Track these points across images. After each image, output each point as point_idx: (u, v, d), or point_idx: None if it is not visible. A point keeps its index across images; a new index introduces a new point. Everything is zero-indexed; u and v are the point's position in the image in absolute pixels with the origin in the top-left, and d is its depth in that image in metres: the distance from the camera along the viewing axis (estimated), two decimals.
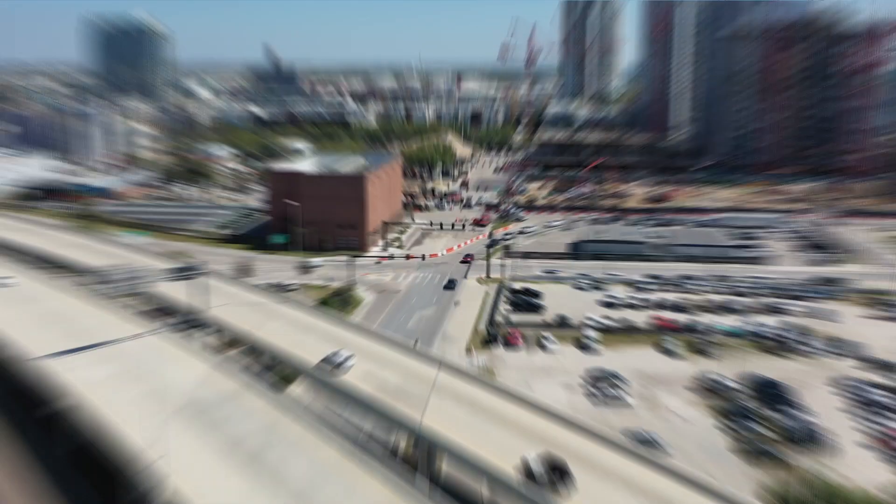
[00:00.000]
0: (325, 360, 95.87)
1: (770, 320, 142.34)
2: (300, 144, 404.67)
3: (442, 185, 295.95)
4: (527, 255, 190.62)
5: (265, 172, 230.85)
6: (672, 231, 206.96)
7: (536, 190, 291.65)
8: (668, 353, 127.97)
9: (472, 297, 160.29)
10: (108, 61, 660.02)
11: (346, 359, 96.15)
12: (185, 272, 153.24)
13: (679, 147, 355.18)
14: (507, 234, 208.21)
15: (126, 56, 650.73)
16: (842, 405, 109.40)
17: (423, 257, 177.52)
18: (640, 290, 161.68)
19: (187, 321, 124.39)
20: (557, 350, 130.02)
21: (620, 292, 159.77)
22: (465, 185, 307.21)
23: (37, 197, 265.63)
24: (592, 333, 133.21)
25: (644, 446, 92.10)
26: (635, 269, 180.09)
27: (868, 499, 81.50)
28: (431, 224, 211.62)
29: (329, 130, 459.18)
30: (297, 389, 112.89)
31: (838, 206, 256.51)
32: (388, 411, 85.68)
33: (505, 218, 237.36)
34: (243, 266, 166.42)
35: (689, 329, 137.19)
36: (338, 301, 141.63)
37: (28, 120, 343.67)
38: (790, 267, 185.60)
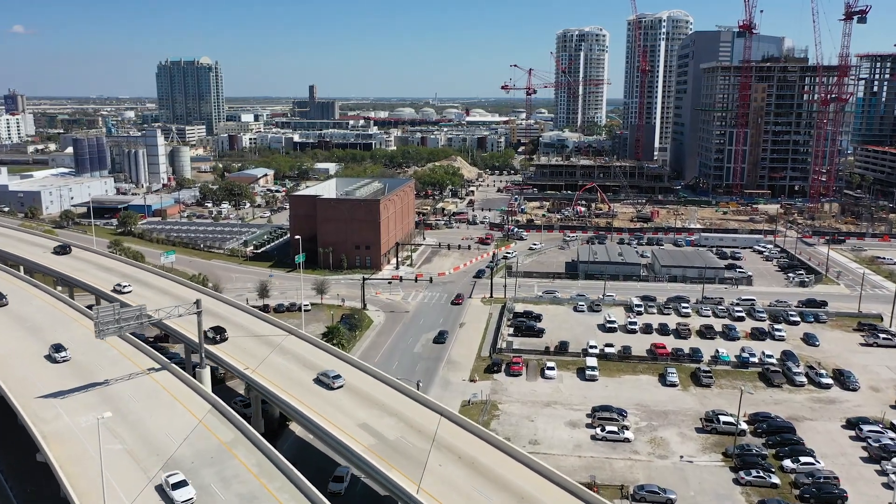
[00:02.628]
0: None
1: (767, 347, 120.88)
2: (329, 165, 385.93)
3: (451, 205, 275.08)
4: (527, 275, 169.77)
5: (289, 196, 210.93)
6: (664, 251, 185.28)
7: (535, 209, 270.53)
8: (669, 383, 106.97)
9: (477, 318, 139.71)
10: (175, 95, 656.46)
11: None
12: (62, 249, 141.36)
13: (661, 170, 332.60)
14: (508, 253, 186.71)
15: (190, 91, 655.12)
16: (855, 450, 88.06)
17: (431, 279, 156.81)
18: (637, 313, 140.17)
19: (189, 355, 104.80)
20: (559, 379, 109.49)
21: (618, 315, 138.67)
22: (471, 203, 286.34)
23: (90, 215, 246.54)
24: (593, 362, 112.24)
25: None
26: (630, 290, 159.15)
27: None
28: (440, 245, 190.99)
29: (354, 153, 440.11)
30: (291, 434, 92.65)
31: (809, 226, 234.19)
32: (381, 474, 65.43)
33: (507, 237, 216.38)
34: (262, 286, 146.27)
35: (689, 357, 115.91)
36: (345, 329, 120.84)
37: (93, 144, 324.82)
38: (774, 287, 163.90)
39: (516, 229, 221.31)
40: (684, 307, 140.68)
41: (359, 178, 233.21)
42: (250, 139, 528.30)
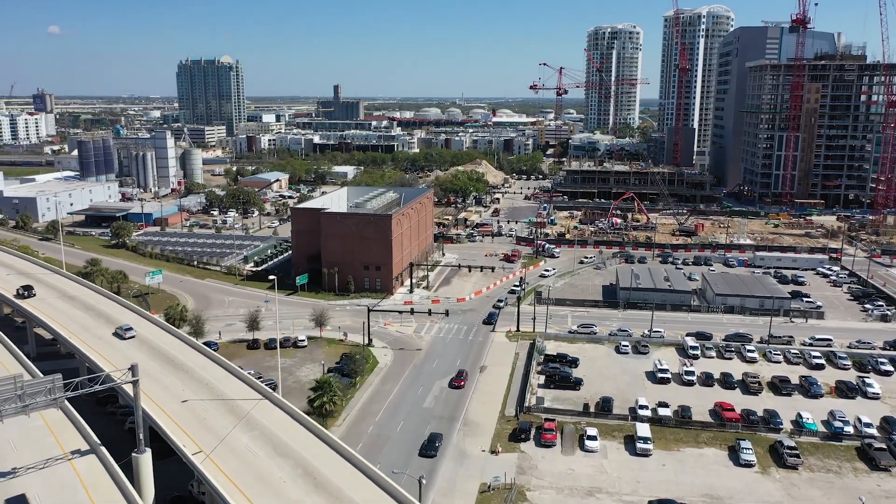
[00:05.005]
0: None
1: (860, 409, 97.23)
2: (347, 169, 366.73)
3: (474, 215, 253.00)
4: (559, 302, 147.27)
5: (291, 209, 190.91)
6: (717, 276, 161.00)
7: (565, 219, 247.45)
8: (743, 462, 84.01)
9: (500, 361, 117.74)
10: (196, 95, 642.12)
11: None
12: None
13: (702, 177, 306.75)
14: (516, 285, 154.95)
15: (210, 91, 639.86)
16: None
17: (447, 312, 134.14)
18: (692, 357, 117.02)
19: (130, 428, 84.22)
20: (602, 452, 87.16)
21: (669, 358, 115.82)
22: (496, 213, 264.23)
23: (87, 224, 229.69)
24: (644, 430, 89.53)
25: None
26: (680, 322, 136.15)
27: None
28: (460, 266, 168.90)
29: (375, 156, 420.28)
30: None
31: (875, 243, 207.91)
32: None
33: (536, 254, 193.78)
34: (252, 317, 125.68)
35: (765, 423, 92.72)
36: (339, 382, 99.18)
37: (99, 146, 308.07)
38: (850, 322, 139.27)
39: (547, 245, 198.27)
40: (749, 350, 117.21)
41: (372, 187, 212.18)
42: (269, 140, 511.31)
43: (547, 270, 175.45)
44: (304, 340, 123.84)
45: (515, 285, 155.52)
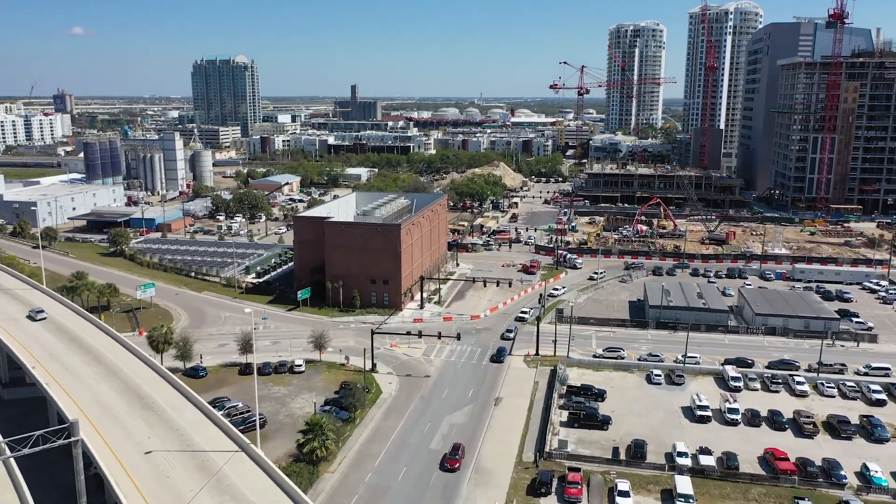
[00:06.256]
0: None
1: None
2: (361, 171, 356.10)
3: (490, 221, 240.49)
4: (582, 321, 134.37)
5: (293, 218, 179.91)
6: (755, 293, 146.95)
7: (587, 226, 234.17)
8: None
9: (518, 392, 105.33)
10: (211, 95, 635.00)
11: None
12: None
13: (731, 180, 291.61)
14: (525, 311, 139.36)
15: (225, 91, 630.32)
16: None
17: (458, 336, 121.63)
18: (733, 388, 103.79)
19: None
20: None
21: (707, 390, 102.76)
22: (514, 218, 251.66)
23: (88, 230, 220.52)
24: (685, 485, 76.60)
25: None
26: (716, 345, 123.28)
27: None
28: (475, 279, 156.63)
29: (390, 158, 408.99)
30: None
31: None
32: None
33: (558, 264, 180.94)
34: (245, 339, 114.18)
35: (825, 475, 79.58)
36: (333, 422, 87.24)
37: (106, 148, 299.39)
38: None
39: (568, 255, 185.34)
40: (799, 382, 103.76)
41: (384, 193, 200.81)
42: (283, 141, 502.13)
43: (556, 289, 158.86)
44: (301, 365, 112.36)
45: (523, 311, 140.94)
